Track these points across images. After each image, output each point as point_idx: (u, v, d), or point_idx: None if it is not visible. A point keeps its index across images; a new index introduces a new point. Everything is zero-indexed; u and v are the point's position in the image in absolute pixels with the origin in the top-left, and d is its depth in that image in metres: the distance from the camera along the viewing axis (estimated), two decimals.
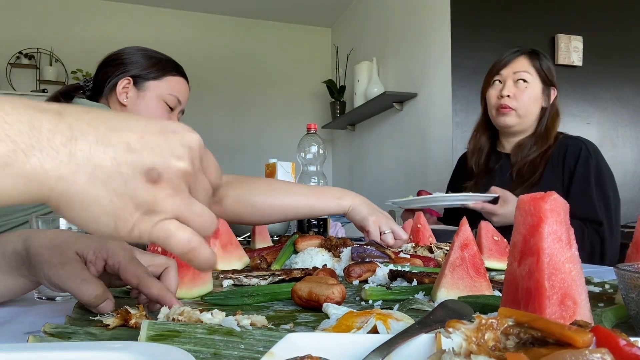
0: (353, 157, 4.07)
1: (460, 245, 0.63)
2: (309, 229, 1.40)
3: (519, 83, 1.49)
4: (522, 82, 1.48)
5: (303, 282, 0.59)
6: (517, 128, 1.53)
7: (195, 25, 4.14)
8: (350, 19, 4.08)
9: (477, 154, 1.62)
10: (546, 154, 1.48)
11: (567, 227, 0.41)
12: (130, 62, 1.27)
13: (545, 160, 1.47)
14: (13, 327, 0.50)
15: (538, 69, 1.50)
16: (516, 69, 1.50)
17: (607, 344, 0.26)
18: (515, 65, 1.51)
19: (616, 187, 1.47)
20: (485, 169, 1.60)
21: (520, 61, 1.51)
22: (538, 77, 1.50)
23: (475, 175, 1.60)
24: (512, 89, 1.49)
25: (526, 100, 1.48)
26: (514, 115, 1.50)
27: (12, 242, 0.54)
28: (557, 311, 0.39)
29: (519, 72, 1.49)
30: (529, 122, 1.52)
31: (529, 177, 1.46)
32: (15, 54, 3.64)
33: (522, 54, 1.52)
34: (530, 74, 1.49)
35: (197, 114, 3.96)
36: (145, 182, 0.31)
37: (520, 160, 1.50)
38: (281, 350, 0.30)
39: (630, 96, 2.87)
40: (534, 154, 1.48)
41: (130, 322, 0.44)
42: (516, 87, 1.49)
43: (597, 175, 1.42)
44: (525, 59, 1.51)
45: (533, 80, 1.49)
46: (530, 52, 1.52)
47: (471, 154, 1.64)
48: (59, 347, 0.33)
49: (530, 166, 1.47)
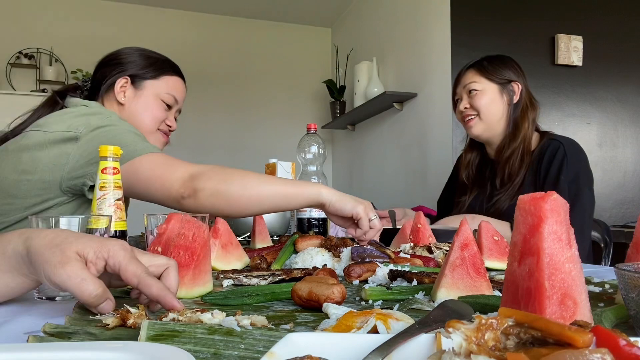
0: (353, 157, 4.07)
1: (460, 245, 0.63)
2: (309, 228, 1.40)
3: (471, 94, 1.56)
4: (473, 92, 1.55)
5: (303, 282, 0.59)
6: (488, 133, 1.57)
7: (195, 25, 4.14)
8: (350, 19, 4.08)
9: (467, 169, 1.68)
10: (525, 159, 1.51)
11: (567, 227, 0.41)
12: (127, 61, 1.28)
13: (526, 166, 1.50)
14: (13, 327, 0.50)
15: (485, 74, 1.55)
16: (465, 82, 1.58)
17: (607, 344, 0.26)
18: (464, 80, 1.59)
19: (592, 190, 1.48)
20: (476, 178, 1.66)
21: (467, 75, 1.59)
22: (488, 81, 1.55)
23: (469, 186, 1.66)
24: (466, 101, 1.58)
25: (482, 104, 1.54)
26: (477, 121, 1.56)
27: (13, 241, 0.54)
28: (557, 311, 0.39)
29: (468, 85, 1.57)
30: (496, 124, 1.56)
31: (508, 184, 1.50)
32: (15, 53, 3.64)
33: (469, 67, 1.59)
34: (477, 82, 1.55)
35: (197, 114, 3.96)
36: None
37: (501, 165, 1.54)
38: (281, 350, 0.30)
39: (630, 96, 2.87)
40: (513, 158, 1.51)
41: (128, 322, 0.44)
42: (470, 98, 1.57)
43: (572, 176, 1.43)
44: (472, 71, 1.58)
45: (483, 86, 1.55)
46: (476, 63, 1.59)
47: (462, 170, 1.70)
48: (59, 347, 0.34)
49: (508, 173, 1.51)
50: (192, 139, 3.97)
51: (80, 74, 3.59)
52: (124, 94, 1.26)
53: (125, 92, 1.26)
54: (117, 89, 1.25)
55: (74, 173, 1.05)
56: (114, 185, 0.82)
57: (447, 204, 1.79)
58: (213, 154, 4.04)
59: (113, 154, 0.83)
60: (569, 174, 1.42)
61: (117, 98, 1.26)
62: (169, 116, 1.34)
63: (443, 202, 1.83)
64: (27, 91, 3.62)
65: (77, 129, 1.06)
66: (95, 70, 1.31)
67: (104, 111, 1.15)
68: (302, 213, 1.42)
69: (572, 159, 1.45)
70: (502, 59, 1.59)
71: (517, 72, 1.57)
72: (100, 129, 1.06)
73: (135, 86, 1.27)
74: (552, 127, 1.64)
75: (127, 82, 1.26)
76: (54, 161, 1.06)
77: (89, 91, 1.31)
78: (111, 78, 1.26)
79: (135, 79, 1.27)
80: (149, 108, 1.28)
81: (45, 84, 3.68)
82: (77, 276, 0.50)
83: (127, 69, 1.27)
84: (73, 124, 1.08)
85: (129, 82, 1.27)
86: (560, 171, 1.43)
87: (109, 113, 1.14)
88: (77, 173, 1.05)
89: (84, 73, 3.58)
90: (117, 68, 1.27)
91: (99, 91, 1.27)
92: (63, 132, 1.06)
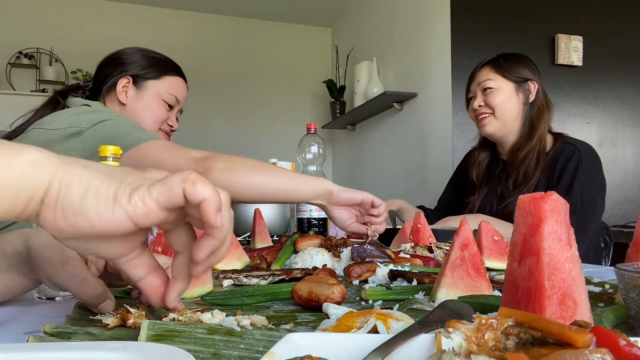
0: (353, 157, 4.07)
1: (460, 245, 0.63)
2: (309, 228, 1.40)
3: (486, 91, 1.54)
4: (488, 90, 1.53)
5: (303, 282, 0.59)
6: (502, 132, 1.55)
7: (195, 25, 4.14)
8: (350, 19, 4.08)
9: (476, 168, 1.66)
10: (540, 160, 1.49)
11: (567, 227, 0.41)
12: (129, 62, 1.28)
13: (541, 167, 1.48)
14: (13, 327, 0.50)
15: (501, 72, 1.53)
16: (480, 80, 1.56)
17: (607, 344, 0.26)
18: (479, 77, 1.57)
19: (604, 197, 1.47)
20: (487, 177, 1.63)
21: (482, 72, 1.56)
22: (504, 79, 1.53)
23: (478, 185, 1.63)
24: (481, 99, 1.55)
25: (498, 103, 1.52)
26: (492, 119, 1.54)
27: (13, 241, 0.54)
28: (557, 311, 0.39)
29: (483, 82, 1.55)
30: (511, 123, 1.54)
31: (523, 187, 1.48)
32: (15, 53, 3.64)
33: (484, 65, 1.57)
34: (493, 79, 1.53)
35: (197, 114, 3.96)
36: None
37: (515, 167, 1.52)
38: (281, 350, 0.30)
39: (630, 96, 2.87)
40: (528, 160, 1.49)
41: (129, 322, 0.44)
42: (485, 96, 1.54)
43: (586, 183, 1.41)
44: (487, 68, 1.56)
45: (498, 83, 1.53)
46: (491, 60, 1.57)
47: (472, 169, 1.67)
48: (59, 347, 0.34)
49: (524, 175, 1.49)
50: (192, 138, 3.96)
51: (80, 74, 3.59)
52: (126, 94, 1.27)
53: (127, 92, 1.27)
54: (119, 89, 1.26)
55: None
56: None
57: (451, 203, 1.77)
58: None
59: (113, 153, 0.83)
60: (583, 180, 1.40)
61: (118, 98, 1.26)
62: (171, 116, 1.35)
63: (445, 200, 1.81)
64: (27, 91, 3.61)
65: (80, 124, 1.07)
66: (97, 71, 1.31)
67: (105, 109, 1.15)
68: (302, 213, 1.42)
69: (587, 166, 1.43)
70: (519, 57, 1.57)
71: (534, 71, 1.55)
72: (103, 123, 1.06)
73: (137, 86, 1.28)
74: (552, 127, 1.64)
75: (129, 82, 1.27)
76: None
77: (91, 91, 1.31)
78: (113, 78, 1.27)
79: (137, 79, 1.28)
80: (151, 108, 1.29)
81: (45, 84, 3.68)
82: (77, 276, 0.50)
83: (129, 69, 1.27)
84: (75, 120, 1.08)
85: (130, 82, 1.27)
86: (575, 177, 1.41)
87: (109, 111, 1.14)
88: None
89: (84, 73, 3.59)
90: (119, 68, 1.27)
91: (101, 91, 1.28)
92: (66, 129, 1.07)
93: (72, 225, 0.36)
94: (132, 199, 0.36)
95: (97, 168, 0.38)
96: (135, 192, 0.36)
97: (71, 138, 1.06)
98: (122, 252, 0.41)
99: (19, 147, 0.36)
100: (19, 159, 0.35)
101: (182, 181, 0.36)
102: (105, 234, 0.37)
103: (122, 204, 0.36)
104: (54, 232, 0.37)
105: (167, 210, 0.37)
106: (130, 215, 0.36)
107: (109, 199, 0.36)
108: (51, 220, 0.36)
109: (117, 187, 0.36)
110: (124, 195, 0.36)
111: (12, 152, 0.35)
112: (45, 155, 0.36)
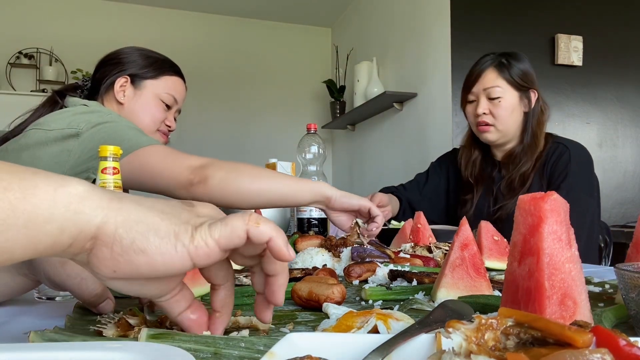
0: (353, 157, 4.07)
1: (460, 245, 0.63)
2: (309, 228, 1.40)
3: (494, 101, 1.47)
4: (497, 100, 1.47)
5: (303, 282, 0.59)
6: (501, 140, 1.53)
7: (195, 25, 4.14)
8: (350, 19, 4.08)
9: (470, 167, 1.61)
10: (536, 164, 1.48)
11: (567, 227, 0.41)
12: (127, 61, 1.28)
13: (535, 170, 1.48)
14: (13, 327, 0.50)
15: (508, 79, 1.47)
16: (486, 84, 1.48)
17: (607, 344, 0.26)
18: (484, 80, 1.48)
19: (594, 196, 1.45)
20: (481, 177, 1.60)
21: (488, 75, 1.48)
22: (510, 86, 1.47)
23: (474, 185, 1.60)
24: (486, 106, 1.48)
25: (503, 114, 1.47)
26: (493, 130, 1.50)
27: None
28: (557, 311, 0.39)
29: (489, 89, 1.47)
30: (512, 132, 1.51)
31: (518, 189, 1.47)
32: (15, 53, 3.64)
33: (489, 65, 1.49)
34: (500, 87, 1.46)
35: (197, 114, 3.96)
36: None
37: (511, 172, 1.50)
38: (281, 350, 0.30)
39: (630, 96, 2.87)
40: (525, 165, 1.47)
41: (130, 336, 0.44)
42: (490, 103, 1.48)
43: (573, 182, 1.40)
44: (493, 71, 1.48)
45: (505, 92, 1.47)
46: (497, 62, 1.49)
47: (464, 167, 1.63)
48: (59, 347, 0.33)
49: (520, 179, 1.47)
50: (191, 139, 3.97)
51: (80, 74, 3.59)
52: (124, 93, 1.26)
53: (124, 91, 1.26)
54: (116, 89, 1.26)
55: (77, 168, 1.05)
56: (113, 185, 0.82)
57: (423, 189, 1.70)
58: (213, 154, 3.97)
59: (113, 154, 0.83)
60: (569, 181, 1.40)
61: (116, 97, 1.26)
62: (169, 116, 1.34)
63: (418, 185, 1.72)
64: (27, 91, 3.61)
65: (78, 126, 1.06)
66: (95, 70, 1.31)
67: (103, 109, 1.15)
68: (302, 213, 1.42)
69: (574, 166, 1.42)
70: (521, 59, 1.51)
71: (534, 77, 1.51)
72: (101, 125, 1.06)
73: (135, 86, 1.27)
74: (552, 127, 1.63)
75: (126, 82, 1.26)
76: (55, 159, 1.06)
77: (89, 91, 1.31)
78: (111, 77, 1.26)
79: (135, 79, 1.27)
80: (149, 108, 1.28)
81: (45, 84, 3.68)
82: (77, 275, 0.50)
83: (127, 69, 1.27)
84: (73, 121, 1.08)
85: (128, 82, 1.27)
86: (564, 178, 1.40)
87: (108, 111, 1.14)
88: (80, 168, 1.05)
89: (84, 73, 3.58)
90: (117, 67, 1.27)
91: (99, 91, 1.27)
92: (63, 130, 1.07)
93: (130, 263, 0.34)
94: (194, 239, 0.35)
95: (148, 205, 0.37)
96: (197, 231, 0.36)
97: (69, 139, 1.06)
98: (166, 290, 0.40)
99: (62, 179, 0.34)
100: (63, 192, 0.33)
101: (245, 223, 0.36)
102: (163, 274, 0.36)
103: (185, 243, 0.35)
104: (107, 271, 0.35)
105: (226, 251, 0.37)
106: (192, 255, 0.35)
107: (171, 237, 0.35)
108: (108, 259, 0.34)
109: (177, 226, 0.36)
110: (185, 235, 0.35)
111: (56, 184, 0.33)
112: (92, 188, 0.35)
